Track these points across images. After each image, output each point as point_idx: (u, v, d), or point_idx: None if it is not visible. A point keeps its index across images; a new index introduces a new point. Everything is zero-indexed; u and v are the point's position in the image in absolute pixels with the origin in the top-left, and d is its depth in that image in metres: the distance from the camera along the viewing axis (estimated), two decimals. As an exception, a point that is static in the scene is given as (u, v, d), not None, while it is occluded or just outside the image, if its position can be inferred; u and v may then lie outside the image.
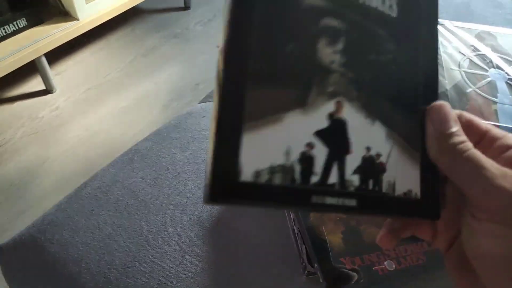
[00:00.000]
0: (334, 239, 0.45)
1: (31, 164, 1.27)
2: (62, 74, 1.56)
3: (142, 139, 0.64)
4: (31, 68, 1.43)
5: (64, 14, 1.41)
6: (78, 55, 1.64)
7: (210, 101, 0.73)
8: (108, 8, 1.48)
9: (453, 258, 0.25)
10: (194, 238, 0.51)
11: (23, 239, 0.54)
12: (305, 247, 0.46)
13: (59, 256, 0.51)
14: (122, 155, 0.62)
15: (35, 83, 1.51)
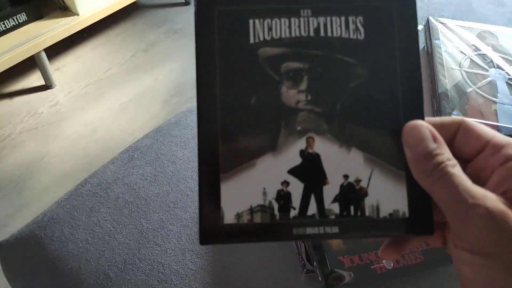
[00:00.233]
0: (333, 238, 0.46)
1: (31, 160, 1.27)
2: (62, 70, 1.56)
3: (142, 136, 0.64)
4: (31, 63, 1.43)
5: (64, 9, 1.41)
6: (78, 51, 1.63)
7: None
8: (108, 3, 1.47)
9: None
10: (194, 236, 0.51)
11: (23, 236, 0.54)
12: (305, 246, 0.47)
13: (59, 253, 0.51)
14: (122, 152, 0.62)
15: (35, 79, 1.51)
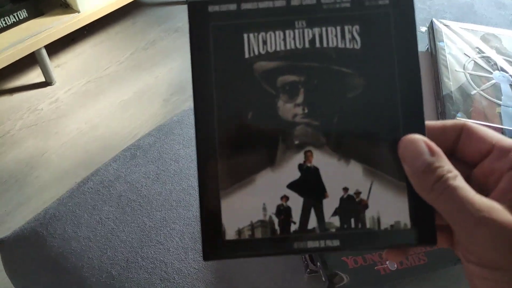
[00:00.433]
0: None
1: (30, 156, 1.27)
2: (62, 66, 1.55)
3: (145, 135, 0.64)
4: (31, 60, 1.42)
5: (65, 6, 1.40)
6: (78, 48, 1.63)
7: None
8: (109, 1, 1.47)
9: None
10: (197, 235, 0.51)
11: (25, 233, 0.54)
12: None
13: (62, 251, 0.51)
14: (124, 150, 0.62)
15: (35, 75, 1.50)
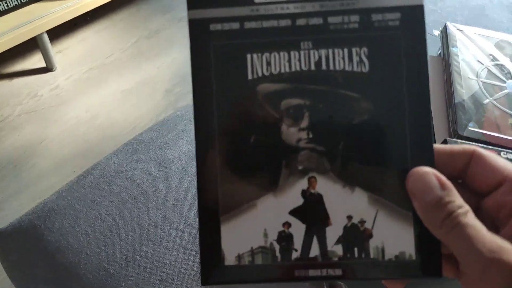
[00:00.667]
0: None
1: (29, 143, 1.25)
2: (64, 52, 1.53)
3: (147, 129, 0.63)
4: (32, 45, 1.40)
5: (69, -9, 1.38)
6: (81, 34, 1.61)
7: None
8: (114, -13, 1.44)
9: None
10: (197, 236, 0.50)
11: (22, 226, 0.53)
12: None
13: (59, 245, 0.50)
14: (126, 144, 0.61)
15: (36, 60, 1.48)
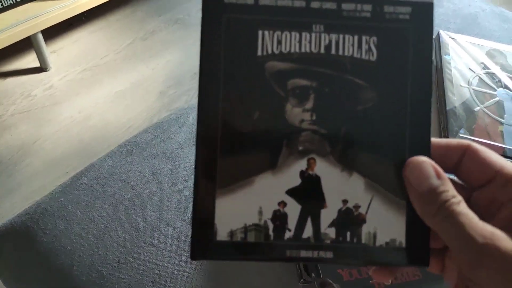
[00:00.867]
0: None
1: (22, 143, 1.24)
2: (58, 52, 1.53)
3: (142, 131, 0.63)
4: (26, 44, 1.39)
5: (64, -9, 1.38)
6: (76, 34, 1.60)
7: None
8: (110, -12, 1.44)
9: None
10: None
11: (15, 227, 0.53)
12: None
13: (52, 247, 0.50)
14: (121, 146, 0.61)
15: (30, 60, 1.47)
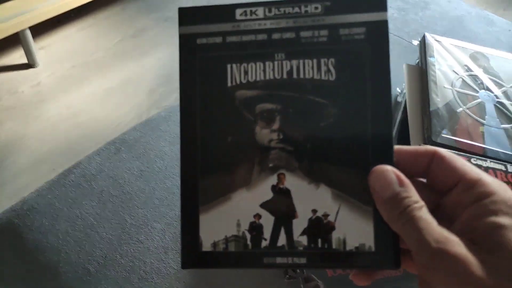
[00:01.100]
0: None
1: (8, 140, 1.23)
2: (46, 49, 1.51)
3: (130, 129, 0.63)
4: (14, 40, 1.38)
5: (53, -13, 1.36)
6: (64, 31, 1.59)
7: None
8: (99, -15, 1.43)
9: None
10: (178, 235, 0.51)
11: (1, 224, 0.52)
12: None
13: (38, 244, 0.50)
14: (109, 144, 0.61)
15: (17, 56, 1.46)
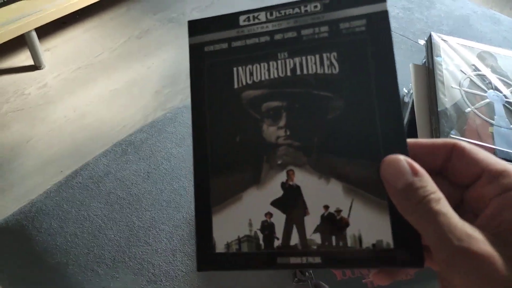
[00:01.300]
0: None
1: (15, 142, 1.24)
2: (52, 51, 1.52)
3: (137, 130, 0.63)
4: (20, 42, 1.39)
5: (58, -11, 1.37)
6: (70, 32, 1.59)
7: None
8: (104, -13, 1.44)
9: None
10: (186, 237, 0.51)
11: (10, 225, 0.53)
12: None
13: (47, 246, 0.50)
14: (116, 145, 0.61)
15: (23, 58, 1.47)
